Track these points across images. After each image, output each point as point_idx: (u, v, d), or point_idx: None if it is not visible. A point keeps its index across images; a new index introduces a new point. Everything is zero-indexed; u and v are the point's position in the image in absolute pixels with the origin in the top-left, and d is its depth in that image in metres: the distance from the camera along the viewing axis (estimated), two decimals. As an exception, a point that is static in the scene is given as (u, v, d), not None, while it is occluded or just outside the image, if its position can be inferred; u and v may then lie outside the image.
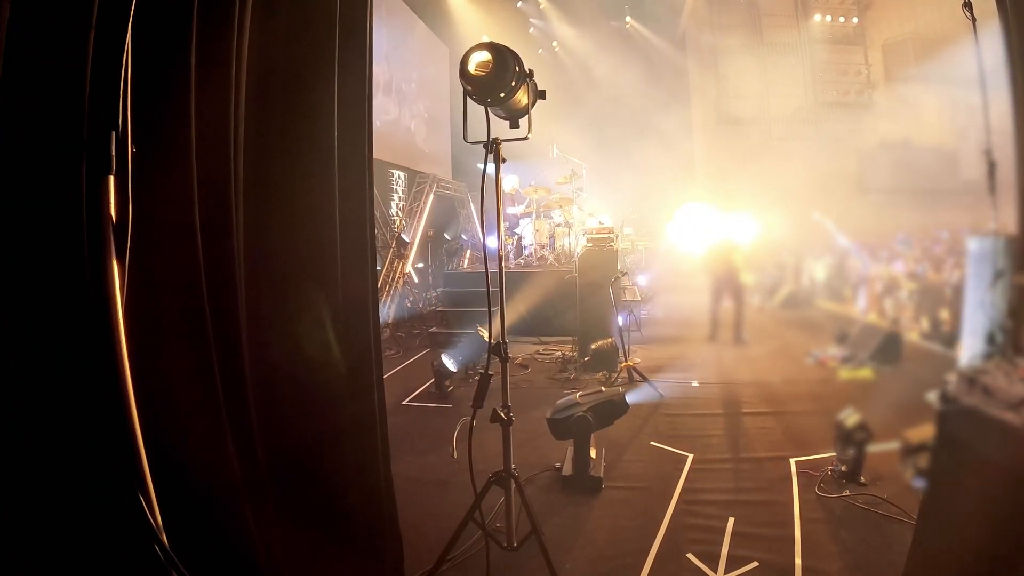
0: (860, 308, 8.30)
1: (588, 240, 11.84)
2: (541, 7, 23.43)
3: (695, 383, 9.42)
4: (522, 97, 3.98)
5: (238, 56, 3.09)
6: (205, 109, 2.85)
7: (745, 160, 19.93)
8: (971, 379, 3.72)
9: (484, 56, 3.66)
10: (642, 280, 17.14)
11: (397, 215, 16.23)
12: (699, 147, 24.49)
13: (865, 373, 6.59)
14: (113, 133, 2.22)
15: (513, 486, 4.41)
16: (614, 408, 6.09)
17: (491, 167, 4.11)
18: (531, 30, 24.59)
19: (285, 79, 3.53)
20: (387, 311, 12.98)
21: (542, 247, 14.74)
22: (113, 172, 2.23)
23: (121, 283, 2.25)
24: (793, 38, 23.84)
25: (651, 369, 10.12)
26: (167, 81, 2.68)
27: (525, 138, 4.18)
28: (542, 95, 4.33)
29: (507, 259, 14.84)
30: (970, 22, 4.07)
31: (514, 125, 4.22)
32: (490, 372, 4.29)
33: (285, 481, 3.44)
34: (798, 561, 4.68)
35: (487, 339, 9.33)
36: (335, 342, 3.79)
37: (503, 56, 3.68)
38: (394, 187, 16.76)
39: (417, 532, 4.85)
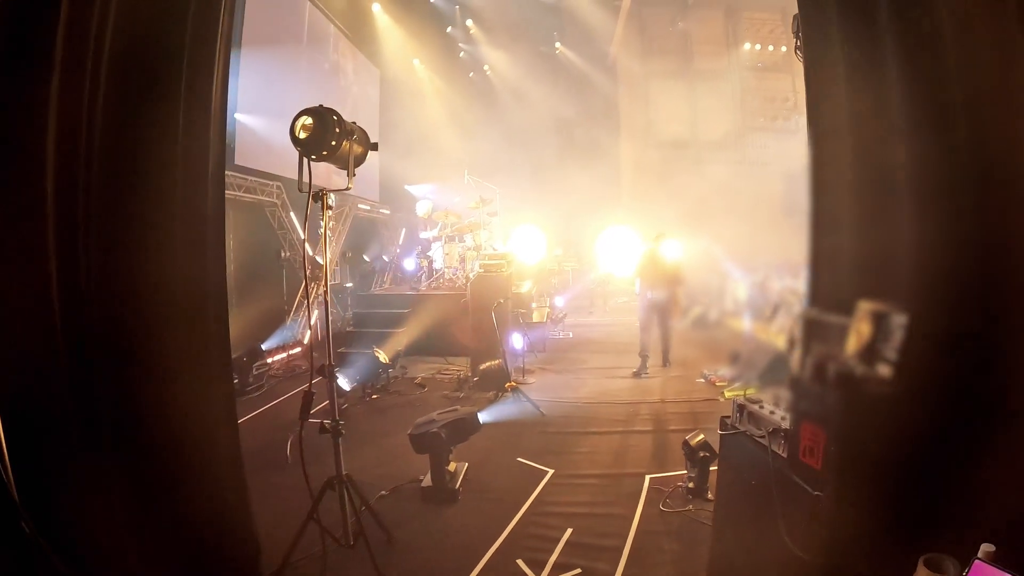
0: (775, 328, 8.49)
1: (481, 266, 12.20)
2: (471, 32, 23.74)
3: (582, 402, 9.79)
4: (349, 150, 4.50)
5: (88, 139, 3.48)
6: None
7: (673, 184, 20.38)
8: (741, 407, 4.22)
9: (308, 120, 4.29)
10: (559, 301, 17.46)
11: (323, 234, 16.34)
12: (627, 171, 24.86)
13: (750, 392, 6.97)
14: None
15: (348, 490, 4.96)
16: (467, 425, 6.56)
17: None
18: (461, 55, 24.91)
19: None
20: (301, 331, 13.25)
21: (452, 270, 15.13)
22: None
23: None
24: (723, 65, 24.34)
25: (545, 388, 10.60)
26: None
27: (347, 189, 4.69)
28: (374, 147, 4.88)
29: (418, 281, 15.25)
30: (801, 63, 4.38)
31: (351, 173, 4.70)
32: (313, 391, 4.63)
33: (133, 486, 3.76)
34: (620, 570, 5.08)
35: (383, 360, 9.73)
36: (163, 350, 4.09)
37: (323, 119, 4.30)
38: (317, 207, 16.84)
39: (291, 535, 5.01)
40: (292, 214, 14.27)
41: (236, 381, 8.09)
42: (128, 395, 3.74)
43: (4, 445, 2.71)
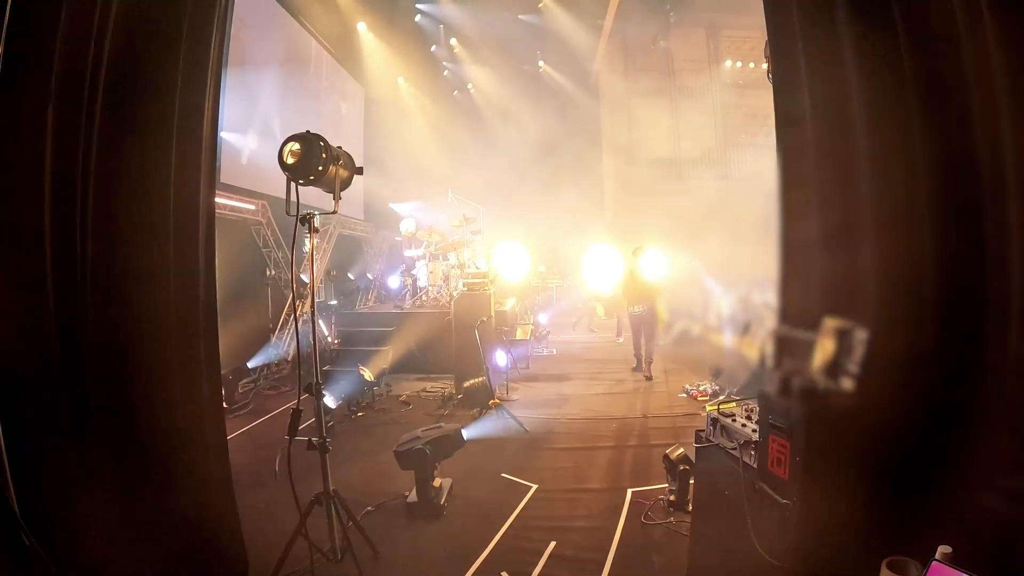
0: (750, 343, 8.51)
1: (464, 285, 12.30)
2: (455, 51, 23.92)
3: (565, 418, 9.86)
4: (335, 174, 4.66)
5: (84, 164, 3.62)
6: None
7: (656, 200, 20.52)
8: (715, 420, 4.34)
9: (295, 146, 4.45)
10: (543, 318, 17.54)
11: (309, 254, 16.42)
12: (610, 188, 25.02)
13: (730, 407, 7.02)
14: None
15: (335, 505, 5.11)
16: (451, 442, 6.68)
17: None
18: (445, 73, 25.11)
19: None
20: (286, 349, 13.30)
21: (436, 288, 15.26)
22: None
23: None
24: (704, 82, 24.54)
25: (528, 405, 10.65)
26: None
27: (333, 212, 4.84)
28: (359, 171, 5.03)
29: (402, 299, 15.35)
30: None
31: (337, 197, 4.85)
32: (301, 408, 4.74)
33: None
34: (602, 581, 5.20)
35: (368, 378, 9.81)
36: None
37: (310, 145, 4.47)
38: (303, 228, 16.92)
39: (278, 551, 5.06)
40: (277, 232, 14.35)
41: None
42: (121, 408, 3.85)
43: (5, 457, 2.82)
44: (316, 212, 4.81)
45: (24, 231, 3.33)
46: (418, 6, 22.30)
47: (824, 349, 3.13)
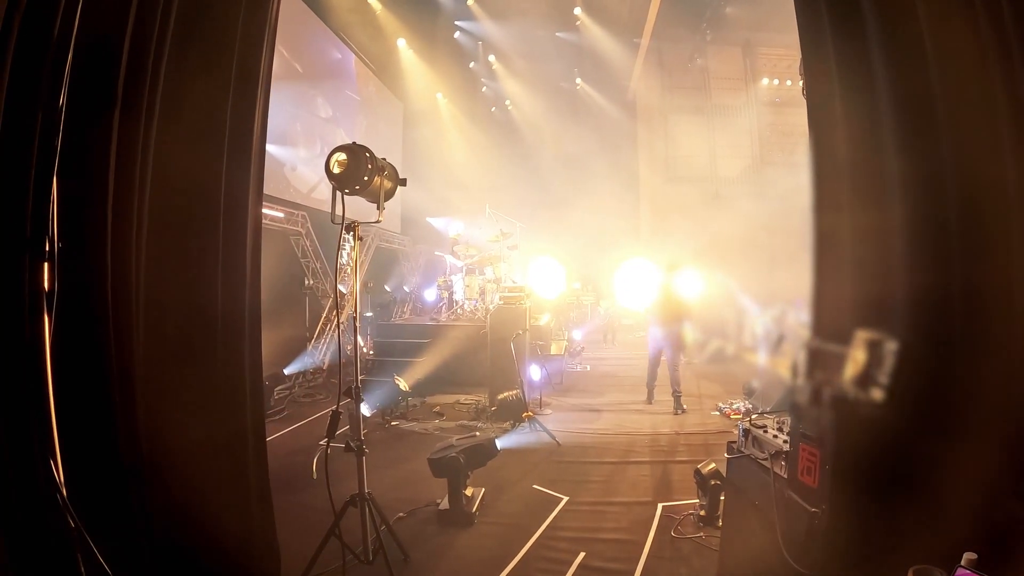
0: (783, 362, 8.46)
1: (501, 298, 12.36)
2: (493, 68, 24.12)
3: (597, 433, 9.90)
4: (380, 185, 4.80)
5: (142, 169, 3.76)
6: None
7: (691, 218, 20.52)
8: (747, 431, 4.39)
9: (342, 156, 4.60)
10: (577, 334, 17.58)
11: (348, 264, 16.72)
12: (645, 205, 25.05)
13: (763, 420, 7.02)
14: (46, 236, 2.95)
15: (370, 507, 5.20)
16: (485, 451, 6.76)
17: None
18: (483, 89, 25.32)
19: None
20: (322, 357, 13.47)
21: (472, 302, 15.34)
22: (46, 259, 2.95)
23: (50, 324, 2.98)
24: (741, 100, 24.55)
25: (561, 419, 10.69)
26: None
27: (378, 221, 4.97)
28: (403, 182, 5.17)
29: (438, 312, 15.46)
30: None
31: (381, 207, 4.99)
32: (340, 411, 4.84)
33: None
34: (631, 592, 5.24)
35: (403, 388, 9.91)
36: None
37: (357, 155, 4.63)
38: (347, 237, 17.15)
39: (310, 551, 5.17)
40: (316, 243, 14.54)
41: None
42: (167, 407, 3.97)
43: (56, 439, 2.93)
44: (358, 222, 4.94)
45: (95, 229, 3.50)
46: (457, 23, 22.52)
47: (855, 361, 3.18)
